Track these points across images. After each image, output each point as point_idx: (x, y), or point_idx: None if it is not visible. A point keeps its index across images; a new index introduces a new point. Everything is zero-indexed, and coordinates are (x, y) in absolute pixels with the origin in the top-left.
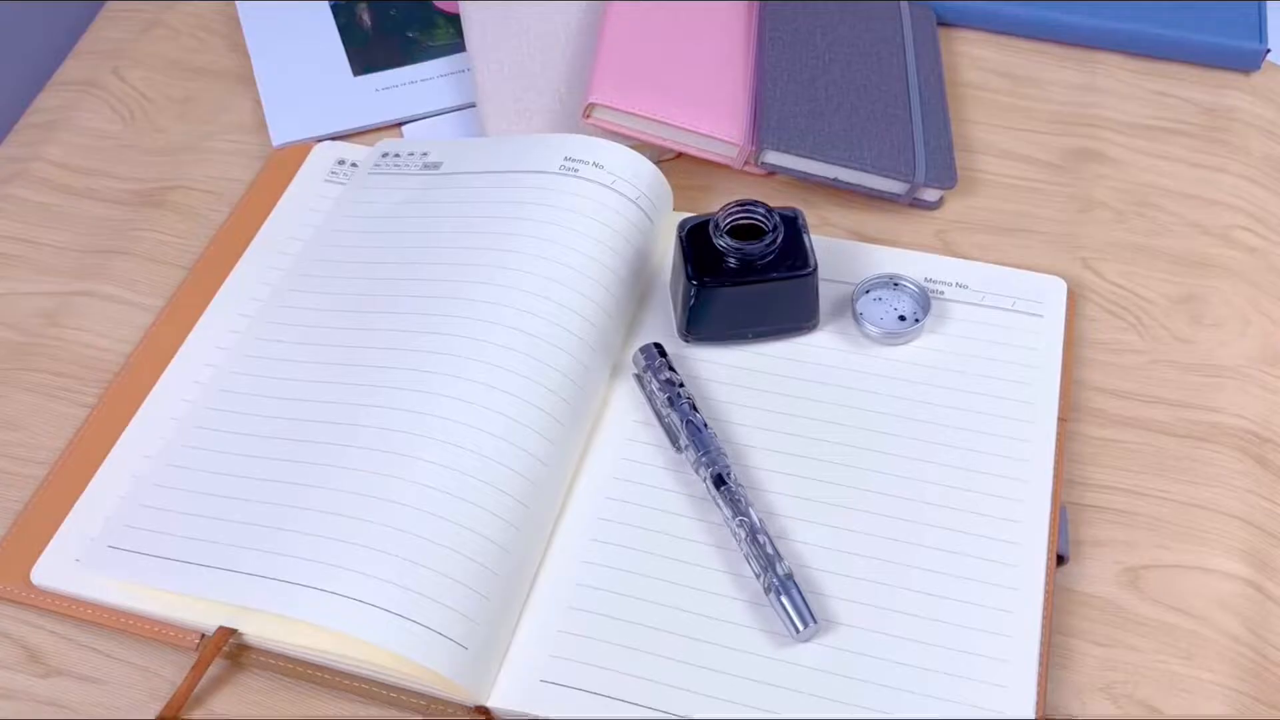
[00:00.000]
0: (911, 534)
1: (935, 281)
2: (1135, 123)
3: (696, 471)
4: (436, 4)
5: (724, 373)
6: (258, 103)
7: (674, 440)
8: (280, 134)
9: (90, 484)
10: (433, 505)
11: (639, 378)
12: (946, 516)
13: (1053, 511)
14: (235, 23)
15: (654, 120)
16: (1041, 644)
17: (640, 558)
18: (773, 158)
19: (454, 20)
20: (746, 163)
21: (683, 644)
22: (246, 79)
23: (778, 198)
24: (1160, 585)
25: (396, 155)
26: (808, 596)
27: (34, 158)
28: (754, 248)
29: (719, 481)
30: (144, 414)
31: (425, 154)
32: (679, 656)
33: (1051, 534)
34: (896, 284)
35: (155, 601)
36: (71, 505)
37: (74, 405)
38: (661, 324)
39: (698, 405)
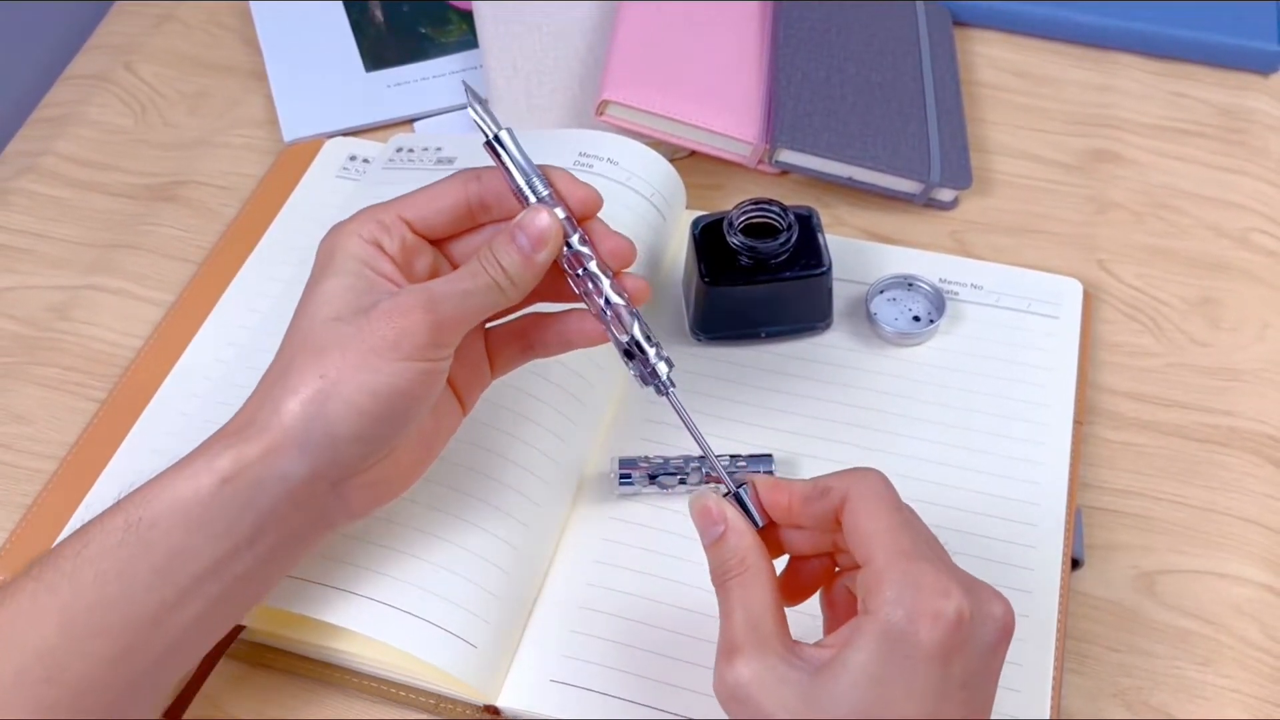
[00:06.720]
0: None
1: (950, 282)
2: (1152, 124)
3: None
4: (449, 0)
5: (736, 372)
6: (269, 98)
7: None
8: (292, 129)
9: (99, 478)
10: (442, 503)
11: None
12: (960, 519)
13: (1068, 515)
14: (248, 18)
15: (667, 118)
16: (1056, 648)
17: (652, 558)
18: (787, 156)
19: (466, 16)
20: (760, 161)
21: (694, 646)
22: (258, 74)
23: (792, 197)
24: (1176, 590)
25: (411, 150)
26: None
27: (45, 152)
28: (768, 246)
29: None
30: (153, 409)
31: (440, 149)
32: (690, 658)
33: (1067, 538)
34: (911, 284)
35: None
36: (81, 500)
37: (83, 399)
38: (674, 322)
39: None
